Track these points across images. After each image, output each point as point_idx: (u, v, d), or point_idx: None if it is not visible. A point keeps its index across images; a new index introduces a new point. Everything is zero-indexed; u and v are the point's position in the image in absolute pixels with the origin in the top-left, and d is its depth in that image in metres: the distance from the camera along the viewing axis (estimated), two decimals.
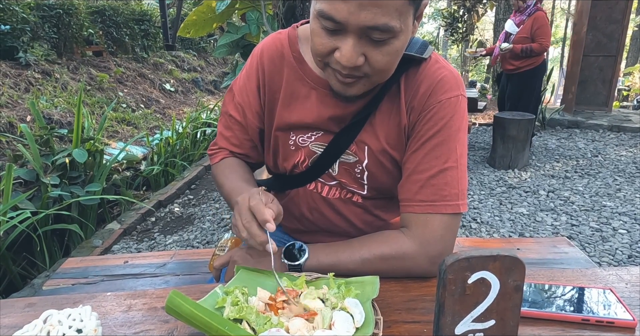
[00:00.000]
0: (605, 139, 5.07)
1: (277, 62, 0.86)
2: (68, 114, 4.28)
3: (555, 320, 0.65)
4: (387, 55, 0.68)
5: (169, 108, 6.10)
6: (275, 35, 0.90)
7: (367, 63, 0.69)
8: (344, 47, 0.67)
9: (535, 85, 4.21)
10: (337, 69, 0.70)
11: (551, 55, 19.51)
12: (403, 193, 0.80)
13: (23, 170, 2.54)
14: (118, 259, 1.37)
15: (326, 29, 0.67)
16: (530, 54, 3.98)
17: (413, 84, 0.79)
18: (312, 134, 0.86)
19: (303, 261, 0.76)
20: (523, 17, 4.01)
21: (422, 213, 0.77)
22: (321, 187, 0.90)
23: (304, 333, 0.56)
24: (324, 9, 0.64)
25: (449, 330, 0.52)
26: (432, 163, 0.77)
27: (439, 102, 0.77)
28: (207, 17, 2.40)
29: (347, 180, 0.87)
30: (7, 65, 4.54)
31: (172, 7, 9.10)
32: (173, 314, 0.56)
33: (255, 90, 0.89)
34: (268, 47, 0.88)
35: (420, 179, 0.77)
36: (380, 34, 0.65)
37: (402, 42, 0.68)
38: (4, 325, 0.67)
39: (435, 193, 0.76)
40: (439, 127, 0.77)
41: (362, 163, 0.84)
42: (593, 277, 0.77)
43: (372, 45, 0.67)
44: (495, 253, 0.50)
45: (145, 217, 3.14)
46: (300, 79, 0.84)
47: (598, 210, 3.11)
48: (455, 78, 0.80)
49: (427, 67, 0.80)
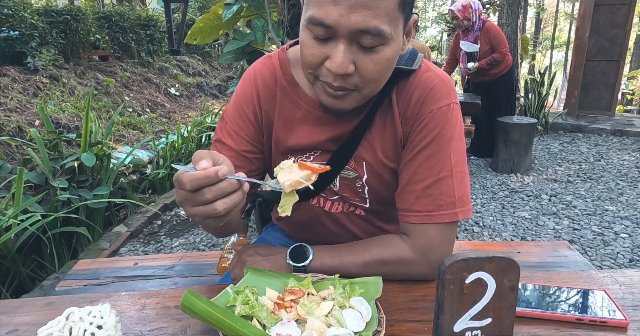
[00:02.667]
0: (608, 143, 5.08)
1: (270, 86, 0.85)
2: (75, 118, 4.34)
3: (550, 320, 0.68)
4: (377, 63, 0.68)
5: (174, 113, 6.16)
6: (266, 59, 0.89)
7: (358, 72, 0.69)
8: (334, 53, 0.67)
9: (506, 91, 4.37)
10: (328, 81, 0.70)
11: (555, 59, 19.49)
12: (400, 203, 0.82)
13: (33, 174, 2.59)
14: (128, 261, 1.41)
15: (316, 38, 0.67)
16: (496, 63, 4.15)
17: (405, 95, 0.80)
18: (310, 154, 0.86)
19: (308, 263, 0.79)
20: (476, 33, 4.16)
21: (419, 223, 0.78)
22: (323, 202, 0.91)
23: (319, 331, 0.59)
24: (314, 15, 0.65)
25: (448, 327, 0.56)
26: (426, 173, 0.78)
27: (430, 111, 0.78)
28: (214, 24, 2.44)
29: (349, 195, 0.88)
30: (15, 70, 4.62)
31: (178, 12, 9.18)
32: (187, 312, 0.60)
33: (251, 116, 0.86)
34: (261, 72, 0.86)
35: (416, 190, 0.78)
36: (371, 38, 0.65)
37: (392, 51, 0.69)
38: (25, 322, 0.71)
39: (431, 204, 0.77)
40: (431, 138, 0.78)
41: (361, 178, 0.85)
42: (589, 279, 0.80)
43: (363, 52, 0.67)
44: (491, 255, 0.53)
45: (152, 220, 3.18)
46: (294, 102, 0.84)
47: (600, 214, 3.12)
48: (446, 85, 0.80)
49: (418, 76, 0.80)
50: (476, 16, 4.11)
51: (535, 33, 16.47)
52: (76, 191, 2.61)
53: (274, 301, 0.66)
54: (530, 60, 14.45)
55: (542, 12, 15.37)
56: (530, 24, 17.40)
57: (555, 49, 19.38)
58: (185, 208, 0.60)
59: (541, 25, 17.37)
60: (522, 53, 8.82)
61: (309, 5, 0.67)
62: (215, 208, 0.57)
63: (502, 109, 4.32)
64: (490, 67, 4.17)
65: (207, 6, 8.85)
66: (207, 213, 0.58)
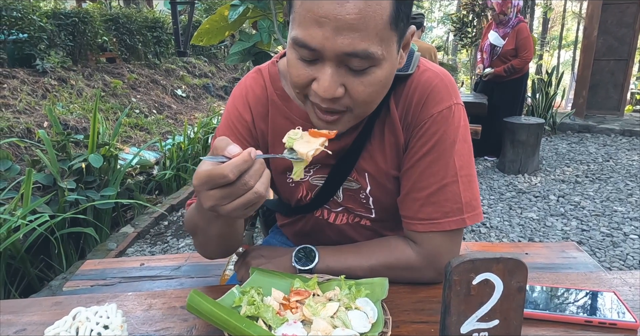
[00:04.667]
0: (617, 144, 5.03)
1: (263, 102, 0.81)
2: (83, 120, 4.38)
3: (559, 322, 0.67)
4: (369, 86, 0.63)
5: (181, 114, 6.19)
6: (256, 74, 0.84)
7: (348, 95, 0.64)
8: (321, 77, 0.62)
9: (520, 92, 4.36)
10: (316, 102, 0.66)
11: (562, 59, 19.35)
12: (404, 210, 0.79)
13: (41, 175, 2.61)
14: (134, 261, 1.41)
15: (302, 59, 0.63)
16: (514, 70, 4.09)
17: (404, 100, 0.76)
18: (309, 168, 0.83)
19: (313, 266, 0.78)
20: (507, 30, 4.10)
21: (425, 231, 0.76)
22: (328, 214, 0.89)
23: (325, 332, 0.59)
24: (298, 36, 0.60)
25: (454, 329, 0.55)
26: (429, 180, 0.75)
27: (430, 116, 0.74)
28: (220, 26, 2.45)
29: (353, 205, 0.86)
30: (24, 73, 4.66)
31: (184, 14, 9.24)
32: (193, 312, 0.60)
33: (245, 133, 0.82)
34: (252, 88, 0.82)
35: (420, 197, 0.76)
36: (359, 61, 0.60)
37: (385, 72, 0.64)
38: (33, 322, 0.72)
39: (436, 211, 0.75)
40: (432, 143, 0.74)
41: (365, 189, 0.83)
42: (597, 280, 0.79)
43: (352, 74, 0.62)
44: (498, 256, 0.53)
45: (158, 221, 3.20)
46: (288, 117, 0.80)
47: (609, 215, 3.09)
48: (447, 85, 0.76)
49: (416, 78, 0.76)
50: (514, 13, 4.03)
51: (542, 32, 16.36)
52: (84, 192, 2.63)
53: (280, 302, 0.66)
54: (538, 60, 14.35)
55: (549, 11, 15.26)
56: (538, 24, 17.29)
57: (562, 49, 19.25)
58: (220, 209, 0.56)
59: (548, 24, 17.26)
60: None
61: (293, 25, 0.62)
62: (257, 191, 0.55)
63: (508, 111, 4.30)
64: (507, 74, 4.12)
65: (213, 8, 8.89)
66: (250, 200, 0.55)
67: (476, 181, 0.78)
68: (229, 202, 0.55)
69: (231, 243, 0.79)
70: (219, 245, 0.77)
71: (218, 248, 0.79)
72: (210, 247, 0.79)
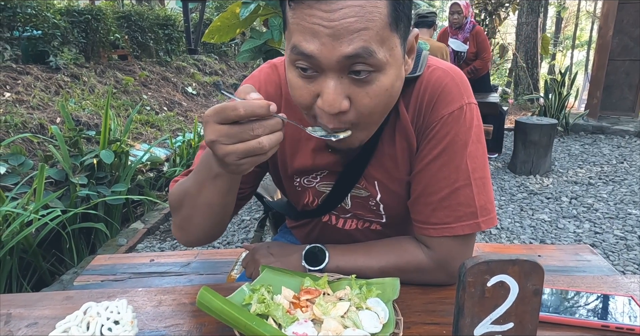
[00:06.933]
0: (631, 145, 4.94)
1: (276, 100, 0.78)
2: (95, 116, 4.42)
3: (575, 326, 0.66)
4: (375, 96, 0.60)
5: (191, 111, 6.22)
6: (270, 69, 0.81)
7: (354, 108, 0.61)
8: (324, 90, 0.59)
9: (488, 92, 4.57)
10: (323, 123, 0.63)
11: (575, 59, 19.07)
12: (415, 214, 0.77)
13: (54, 170, 2.64)
14: (144, 257, 1.42)
15: (302, 76, 0.61)
16: (477, 72, 4.36)
17: (415, 102, 0.74)
18: (316, 174, 0.82)
19: (323, 266, 0.78)
20: (466, 34, 4.30)
21: (437, 236, 0.74)
22: (336, 219, 0.88)
23: (336, 331, 0.58)
24: (295, 45, 0.58)
25: (468, 331, 0.54)
26: (440, 184, 0.72)
27: (440, 118, 0.72)
28: (231, 23, 2.45)
29: (362, 212, 0.85)
30: (38, 69, 4.72)
31: (195, 11, 9.28)
32: (203, 309, 0.59)
33: None
34: (265, 84, 0.79)
35: (432, 202, 0.73)
36: (362, 65, 0.58)
37: (390, 79, 0.61)
38: (45, 315, 0.72)
39: (449, 216, 0.72)
40: (443, 146, 0.72)
41: (375, 197, 0.81)
42: (614, 284, 0.77)
43: (356, 85, 0.60)
44: (514, 258, 0.51)
45: (168, 217, 3.22)
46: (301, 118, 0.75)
47: (623, 217, 3.04)
48: (458, 84, 0.73)
49: (426, 78, 0.73)
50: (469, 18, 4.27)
51: (555, 32, 16.13)
52: (95, 187, 2.66)
53: (290, 300, 0.66)
54: (551, 60, 14.15)
55: (563, 10, 15.06)
56: (551, 23, 17.06)
57: (576, 49, 18.97)
58: (219, 147, 0.55)
59: (562, 24, 17.02)
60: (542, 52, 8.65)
61: (290, 38, 0.60)
62: (261, 142, 0.54)
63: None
64: (472, 76, 4.33)
65: (224, 6, 8.92)
66: (250, 149, 0.54)
67: (490, 184, 0.76)
68: (230, 143, 0.55)
69: (217, 221, 0.74)
70: (204, 218, 0.73)
71: (202, 223, 0.74)
72: (194, 220, 0.73)
